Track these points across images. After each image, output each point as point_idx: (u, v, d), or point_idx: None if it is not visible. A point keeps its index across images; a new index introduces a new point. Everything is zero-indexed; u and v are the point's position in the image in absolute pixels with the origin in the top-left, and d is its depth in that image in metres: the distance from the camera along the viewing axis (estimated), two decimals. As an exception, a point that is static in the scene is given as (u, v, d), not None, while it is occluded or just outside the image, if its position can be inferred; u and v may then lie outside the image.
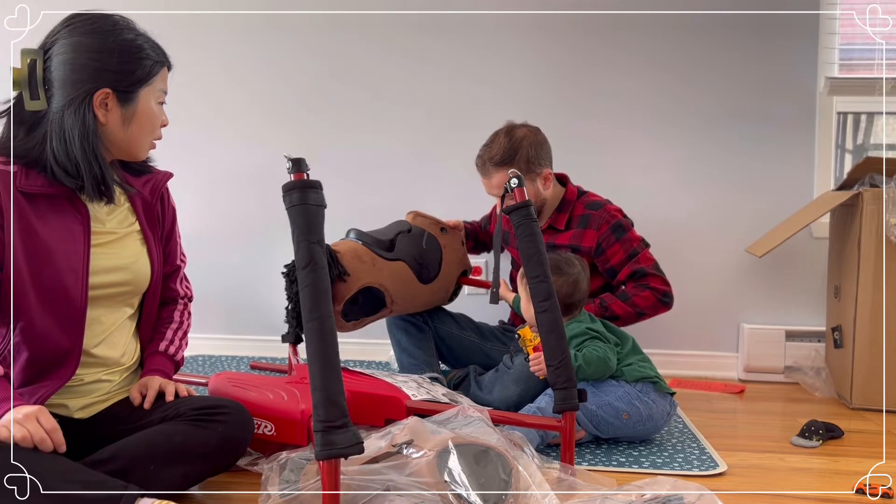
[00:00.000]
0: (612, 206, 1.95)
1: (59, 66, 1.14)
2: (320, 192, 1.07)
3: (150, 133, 1.26)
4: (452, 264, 1.98)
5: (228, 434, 1.20)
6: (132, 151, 1.25)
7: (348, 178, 2.49)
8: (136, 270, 1.28)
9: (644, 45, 2.40)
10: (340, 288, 1.74)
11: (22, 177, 1.14)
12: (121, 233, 1.28)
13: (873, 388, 1.94)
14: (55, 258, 1.16)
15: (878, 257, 1.93)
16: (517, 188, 1.41)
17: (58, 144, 1.14)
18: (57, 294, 1.17)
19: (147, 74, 1.20)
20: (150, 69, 1.21)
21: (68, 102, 1.14)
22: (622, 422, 1.56)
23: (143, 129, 1.23)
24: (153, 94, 1.23)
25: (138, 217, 1.31)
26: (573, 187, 1.99)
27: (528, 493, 1.07)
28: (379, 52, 2.49)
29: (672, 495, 1.07)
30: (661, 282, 1.89)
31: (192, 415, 1.20)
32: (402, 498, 1.03)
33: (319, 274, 1.04)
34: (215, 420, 1.20)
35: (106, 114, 1.18)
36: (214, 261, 2.56)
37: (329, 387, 1.00)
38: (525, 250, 1.36)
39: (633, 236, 1.91)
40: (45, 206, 1.17)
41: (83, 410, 1.24)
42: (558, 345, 1.34)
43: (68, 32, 1.16)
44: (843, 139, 2.49)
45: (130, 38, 1.19)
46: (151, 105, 1.23)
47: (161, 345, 1.36)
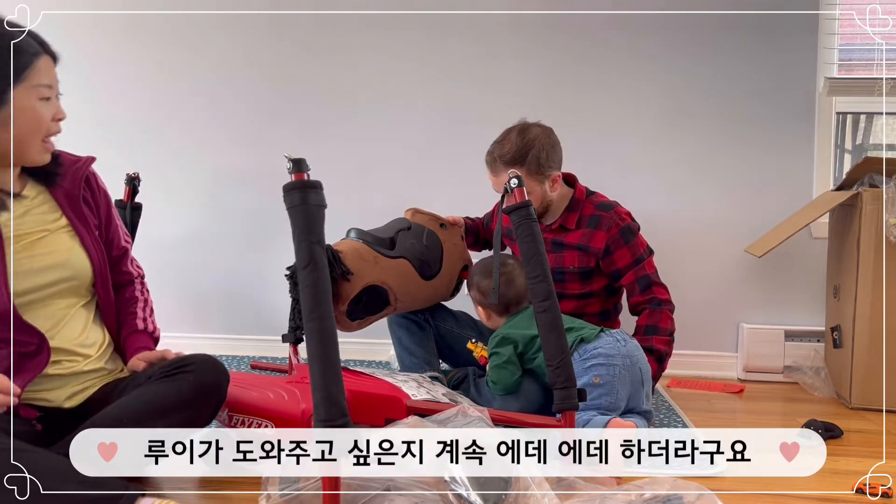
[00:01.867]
0: (622, 209, 1.94)
1: None
2: (321, 192, 1.07)
3: (36, 133, 1.17)
4: (453, 259, 1.98)
5: (198, 380, 1.22)
6: (19, 154, 1.16)
7: (349, 178, 2.49)
8: (72, 265, 1.26)
9: (644, 45, 2.40)
10: (344, 287, 1.73)
11: None
12: (44, 231, 1.24)
13: (873, 388, 1.94)
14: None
15: (877, 257, 1.93)
16: (517, 188, 1.41)
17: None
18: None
19: (21, 69, 1.11)
20: (25, 63, 1.11)
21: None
22: (604, 387, 1.55)
23: (26, 129, 1.15)
24: (30, 91, 1.14)
25: (63, 210, 1.27)
26: (581, 187, 1.98)
27: (528, 493, 1.07)
28: (380, 52, 2.49)
29: (671, 495, 1.07)
30: (664, 290, 1.90)
31: (160, 374, 1.22)
32: (402, 498, 1.03)
33: (320, 274, 1.04)
34: (184, 371, 1.22)
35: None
36: (215, 261, 2.57)
37: (329, 386, 1.01)
38: (525, 251, 1.36)
39: (640, 241, 1.91)
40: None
41: (70, 400, 1.25)
42: (558, 344, 1.34)
43: None
44: (842, 139, 2.49)
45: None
46: (31, 103, 1.14)
47: (138, 323, 1.38)
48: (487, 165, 1.90)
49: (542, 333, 1.36)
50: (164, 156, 2.50)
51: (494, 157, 1.86)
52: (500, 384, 1.68)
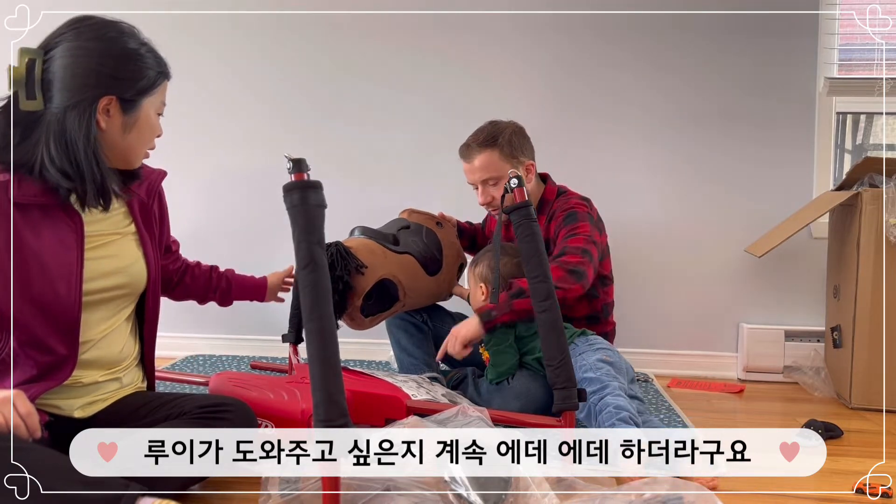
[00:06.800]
0: (574, 198, 1.89)
1: (63, 68, 1.12)
2: (321, 192, 1.07)
3: (148, 142, 1.27)
4: (451, 257, 2.00)
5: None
6: (128, 159, 1.25)
7: (349, 178, 2.49)
8: (132, 273, 1.29)
9: (644, 45, 2.40)
10: (359, 281, 1.74)
11: (16, 186, 1.12)
12: (116, 235, 1.28)
13: (873, 388, 1.94)
14: (47, 269, 1.15)
15: (877, 257, 1.93)
16: (517, 188, 1.41)
17: (56, 147, 1.12)
18: (49, 303, 1.16)
19: (151, 85, 1.21)
20: (155, 80, 1.21)
21: (72, 105, 1.12)
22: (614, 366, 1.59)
23: (141, 138, 1.24)
24: (154, 105, 1.24)
25: (135, 219, 1.31)
26: (553, 187, 1.97)
27: (528, 493, 1.07)
28: (380, 52, 2.49)
29: (671, 495, 1.07)
30: (579, 260, 1.73)
31: (196, 413, 1.21)
32: (402, 497, 1.03)
33: (320, 274, 1.04)
34: (219, 418, 1.20)
35: (107, 120, 1.17)
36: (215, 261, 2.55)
37: (329, 386, 1.01)
38: (525, 250, 1.37)
39: (583, 226, 1.80)
40: (38, 217, 1.15)
41: (82, 410, 1.24)
42: (558, 344, 1.34)
43: (74, 35, 1.14)
44: (842, 139, 2.49)
45: (136, 47, 1.19)
46: (151, 115, 1.24)
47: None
48: (461, 156, 1.92)
49: (542, 333, 1.37)
50: (164, 156, 2.49)
51: (468, 143, 1.89)
52: (502, 367, 1.69)
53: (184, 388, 1.96)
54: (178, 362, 2.38)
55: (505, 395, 1.68)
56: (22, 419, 1.02)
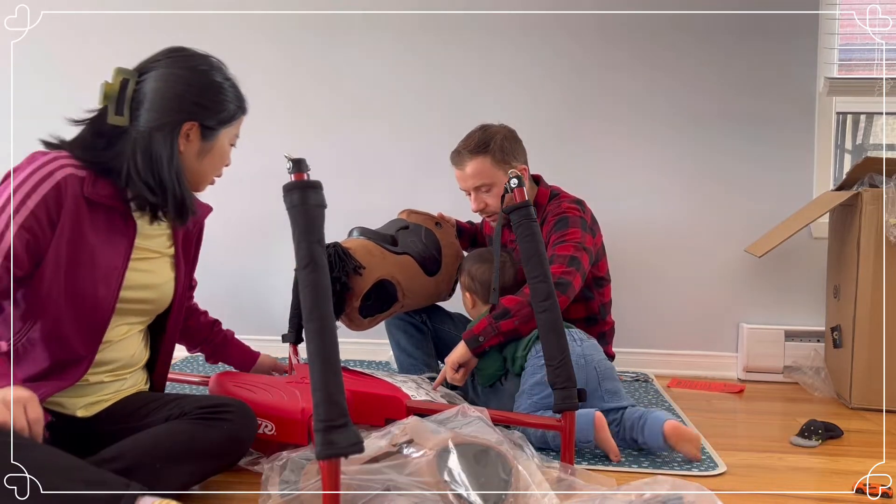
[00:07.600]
0: (567, 203, 1.86)
1: (154, 91, 1.19)
2: (321, 192, 1.07)
3: (217, 169, 1.33)
4: (450, 257, 1.99)
5: (234, 432, 1.22)
6: (197, 183, 1.31)
7: (349, 178, 2.49)
8: (162, 291, 1.33)
9: (644, 45, 2.40)
10: (357, 282, 1.74)
11: (89, 184, 1.16)
12: (157, 254, 1.32)
13: (873, 388, 1.94)
14: (96, 267, 1.19)
15: (877, 257, 1.93)
16: (517, 188, 1.41)
17: (143, 162, 1.18)
18: (86, 301, 1.18)
19: (231, 116, 1.28)
20: (234, 113, 1.29)
21: (159, 126, 1.18)
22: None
23: (213, 164, 1.30)
24: (230, 136, 1.31)
25: (175, 243, 1.36)
26: (545, 190, 1.94)
27: (528, 493, 1.07)
28: (381, 52, 2.49)
29: (671, 495, 1.07)
30: (564, 271, 1.69)
31: (197, 413, 1.21)
32: (402, 498, 1.03)
33: (320, 274, 1.04)
34: (220, 419, 1.21)
35: (186, 144, 1.23)
36: (214, 261, 2.56)
37: (329, 386, 1.01)
38: (525, 250, 1.36)
39: (574, 232, 1.77)
40: (102, 216, 1.20)
41: (85, 409, 1.25)
42: (558, 344, 1.34)
43: (169, 63, 1.22)
44: (842, 139, 2.49)
45: (221, 80, 1.27)
46: (226, 144, 1.31)
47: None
48: (453, 163, 1.89)
49: (541, 334, 1.36)
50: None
51: (459, 150, 1.87)
52: (489, 370, 1.69)
53: (184, 388, 1.96)
54: (178, 362, 2.38)
55: (500, 396, 1.68)
56: (29, 424, 1.02)
